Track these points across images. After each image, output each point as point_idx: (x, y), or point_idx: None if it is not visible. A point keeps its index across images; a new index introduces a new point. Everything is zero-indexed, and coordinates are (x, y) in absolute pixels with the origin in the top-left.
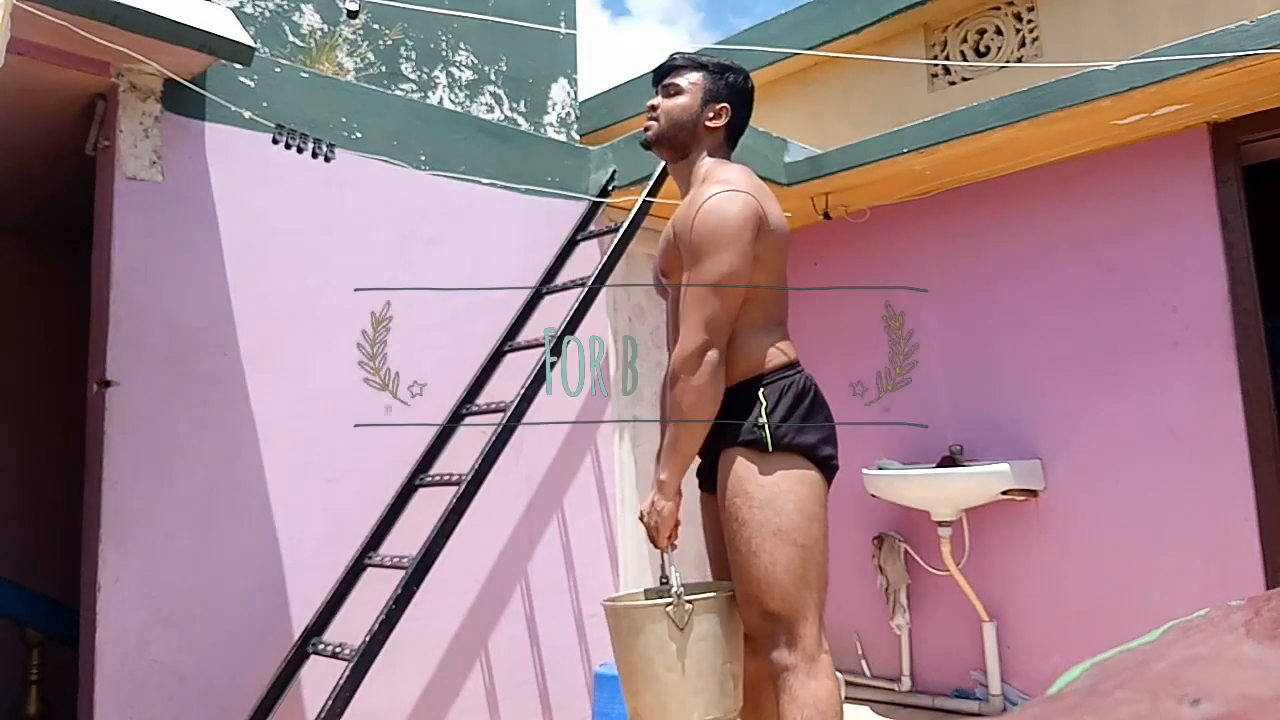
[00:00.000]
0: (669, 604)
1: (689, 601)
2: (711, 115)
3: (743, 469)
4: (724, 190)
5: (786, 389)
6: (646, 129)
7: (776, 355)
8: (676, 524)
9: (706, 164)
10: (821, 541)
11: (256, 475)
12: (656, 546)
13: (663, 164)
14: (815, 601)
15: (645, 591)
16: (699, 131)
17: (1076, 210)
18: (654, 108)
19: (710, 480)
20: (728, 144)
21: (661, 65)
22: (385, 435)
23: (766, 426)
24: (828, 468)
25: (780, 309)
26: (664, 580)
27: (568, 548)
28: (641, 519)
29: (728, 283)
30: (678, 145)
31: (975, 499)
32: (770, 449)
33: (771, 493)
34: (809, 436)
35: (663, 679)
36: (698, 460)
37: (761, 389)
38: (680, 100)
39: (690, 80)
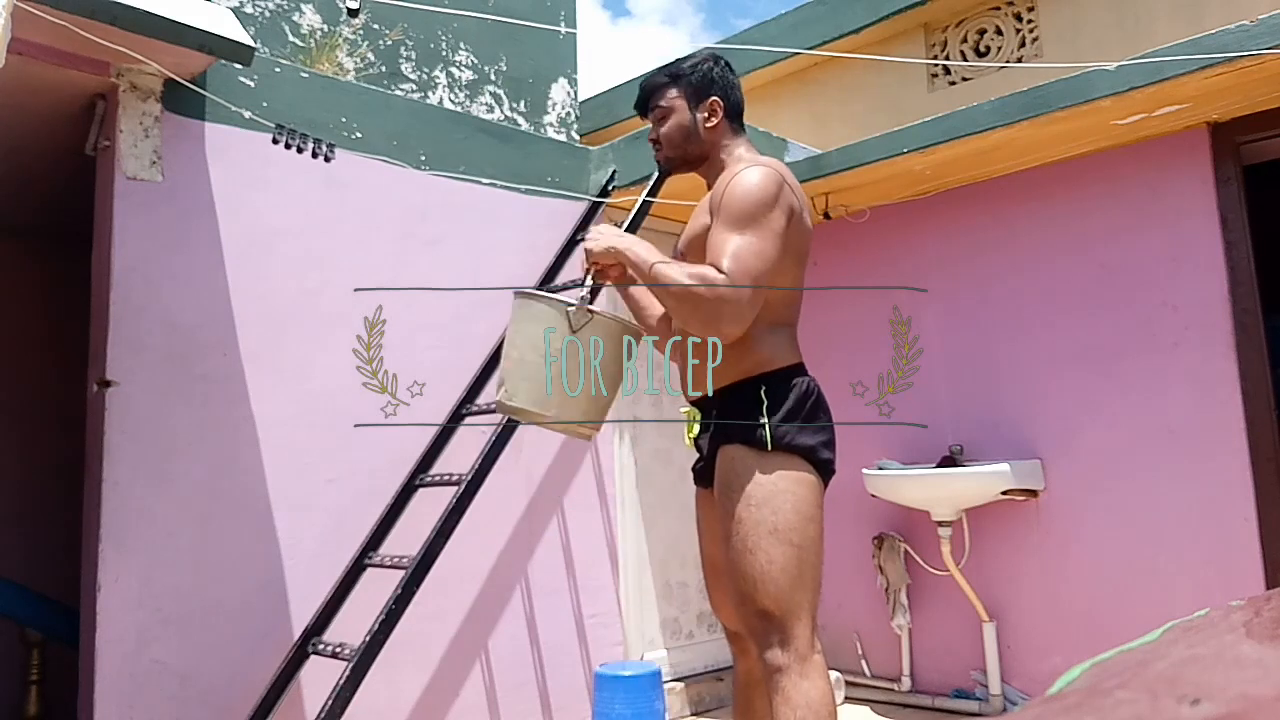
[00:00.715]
0: (573, 306)
1: (592, 311)
2: (706, 115)
3: (742, 466)
4: (766, 168)
5: (790, 389)
6: (657, 156)
7: (783, 355)
8: (606, 266)
9: (735, 152)
10: (817, 543)
11: (256, 475)
12: (586, 263)
13: None
14: (809, 602)
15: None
16: (704, 136)
17: (1076, 210)
18: (654, 140)
19: (707, 477)
20: (735, 127)
21: (639, 98)
22: (385, 435)
23: (768, 425)
24: (826, 471)
25: (792, 311)
26: (582, 294)
27: (568, 548)
28: (584, 242)
29: (766, 256)
30: (694, 158)
31: (975, 499)
32: (770, 448)
33: (770, 491)
34: (809, 438)
35: (538, 367)
36: (697, 457)
37: (765, 387)
38: (672, 120)
39: (670, 97)
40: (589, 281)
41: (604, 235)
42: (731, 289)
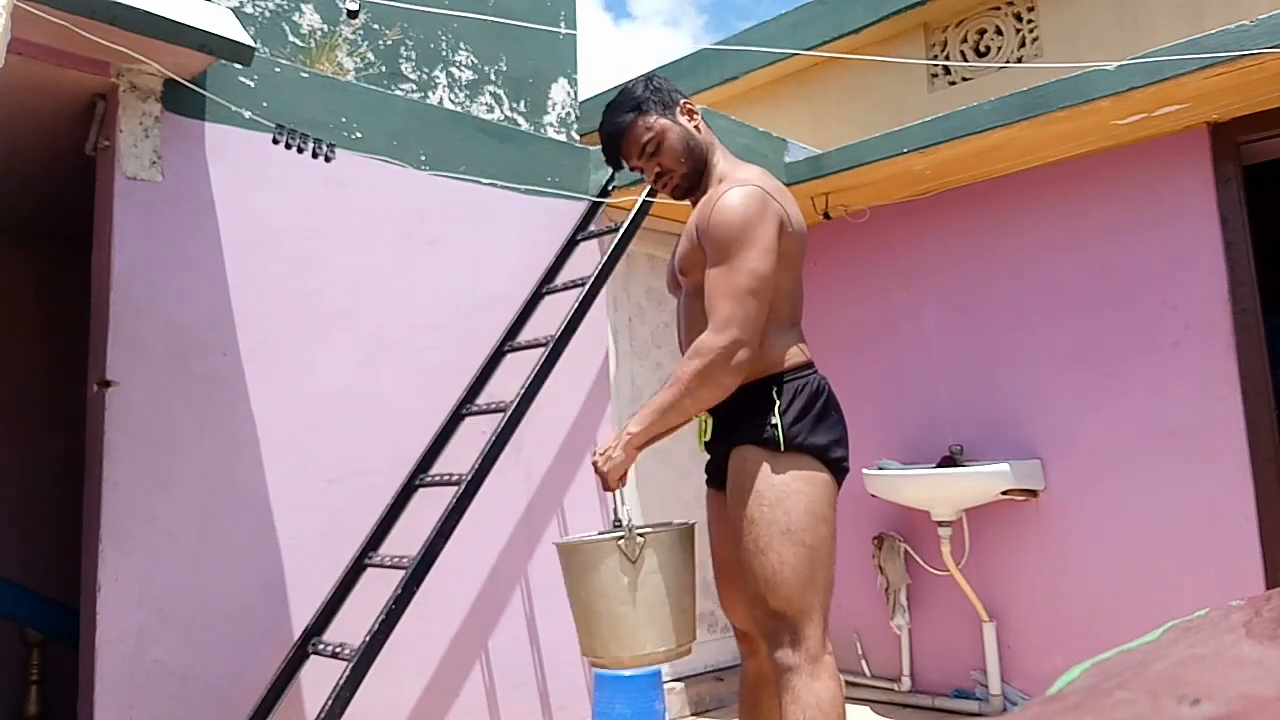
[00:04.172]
0: (620, 538)
1: (640, 534)
2: (688, 119)
3: (754, 467)
4: (748, 187)
5: (801, 389)
6: (673, 189)
7: (792, 355)
8: (625, 473)
9: (720, 166)
10: (829, 543)
11: (256, 475)
12: (606, 489)
13: None
14: (821, 603)
15: (600, 534)
16: (699, 142)
17: (1076, 210)
18: (659, 173)
19: (719, 477)
20: (710, 131)
21: (617, 143)
22: (385, 435)
23: (780, 426)
24: (839, 470)
25: (796, 309)
26: (616, 522)
27: None
28: (593, 463)
29: (759, 282)
30: (703, 165)
31: (975, 499)
32: (782, 448)
33: (782, 492)
34: (821, 437)
35: (615, 612)
36: (708, 457)
37: (776, 388)
38: (668, 140)
39: (650, 124)
40: (621, 504)
41: (611, 449)
42: (722, 340)
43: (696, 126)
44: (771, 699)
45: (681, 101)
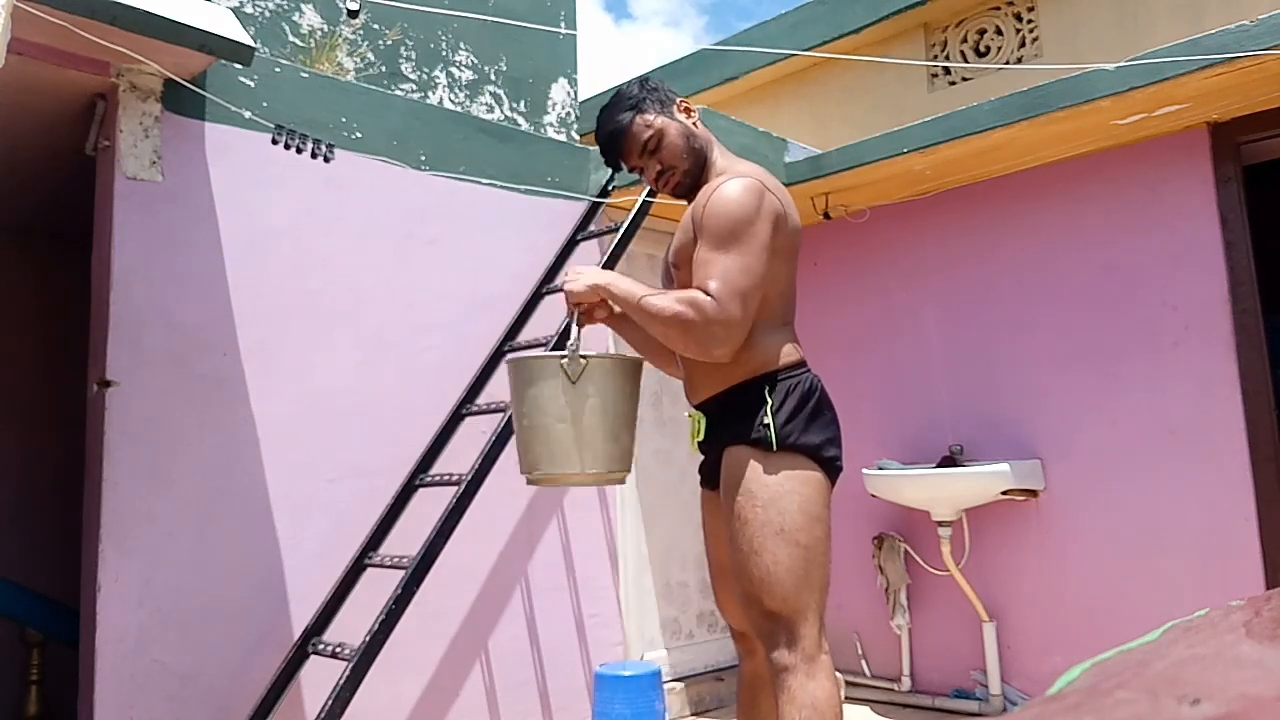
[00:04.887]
0: (564, 357)
1: (584, 357)
2: (685, 116)
3: (747, 467)
4: (746, 179)
5: (793, 388)
6: (674, 187)
7: (784, 354)
8: (591, 306)
9: (719, 163)
10: (824, 542)
11: (256, 475)
12: (567, 305)
13: None
14: (816, 602)
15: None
16: (698, 139)
17: (1076, 210)
18: (660, 171)
19: (712, 477)
20: (707, 129)
21: (617, 142)
22: (385, 435)
23: (772, 425)
24: (832, 469)
25: (789, 309)
26: (569, 342)
27: (568, 548)
28: (561, 285)
29: (754, 278)
30: (703, 162)
31: (975, 499)
32: (775, 448)
33: (775, 492)
34: (814, 437)
35: (552, 429)
36: (701, 458)
37: (768, 387)
38: (668, 138)
39: (648, 122)
40: (575, 325)
41: (584, 274)
42: (720, 311)
43: (694, 124)
44: (769, 699)
45: (678, 100)
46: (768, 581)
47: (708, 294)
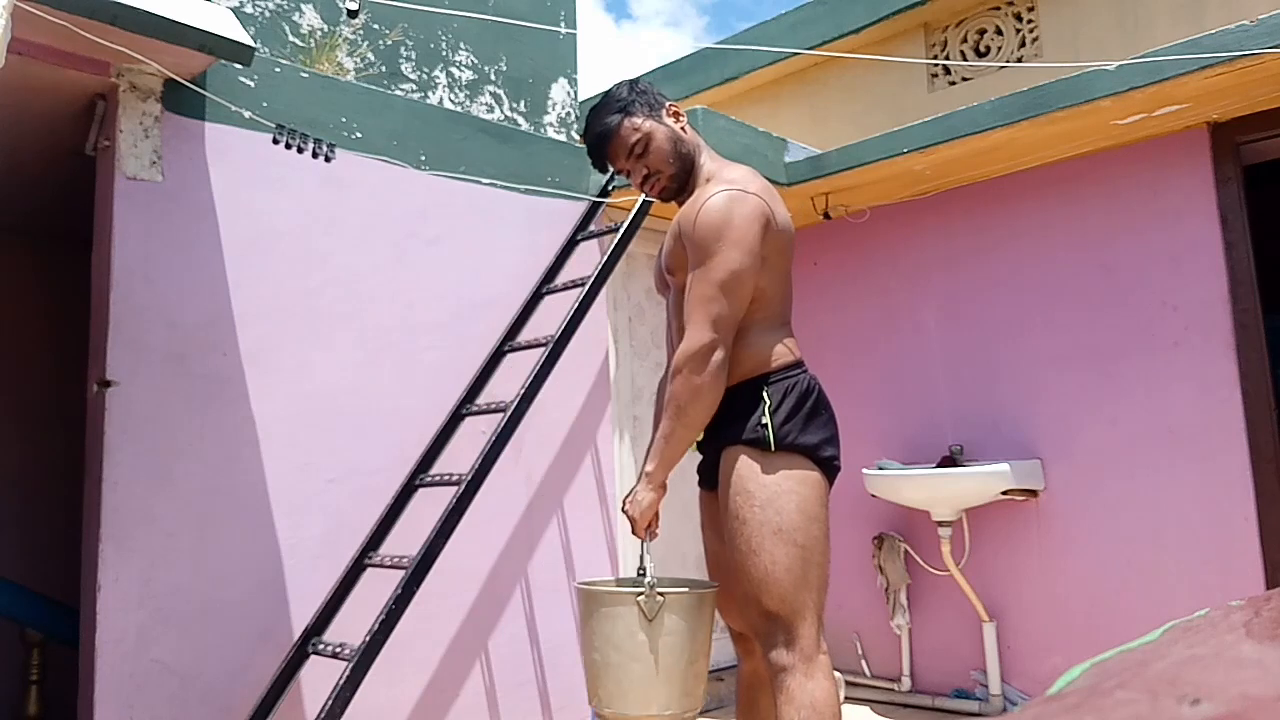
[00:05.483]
0: (641, 593)
1: (661, 594)
2: (674, 120)
3: (745, 468)
4: (731, 189)
5: (790, 388)
6: (660, 191)
7: (781, 354)
8: (656, 516)
9: (707, 167)
10: (822, 542)
11: (256, 475)
12: (635, 535)
13: None
14: (814, 602)
15: (619, 580)
16: (686, 144)
17: (1076, 210)
18: (646, 174)
19: (710, 478)
20: (695, 133)
21: (604, 145)
22: (385, 435)
23: (770, 426)
24: (830, 469)
25: (785, 309)
26: (641, 571)
27: (568, 548)
28: (623, 509)
29: (735, 281)
30: (690, 166)
31: (975, 499)
32: (773, 448)
33: (773, 492)
34: (812, 437)
35: (626, 668)
36: (698, 457)
37: (765, 388)
38: (655, 141)
39: (636, 125)
40: (647, 554)
41: (636, 492)
42: (696, 348)
43: (683, 128)
44: (769, 699)
45: (667, 104)
46: (766, 581)
47: (685, 341)
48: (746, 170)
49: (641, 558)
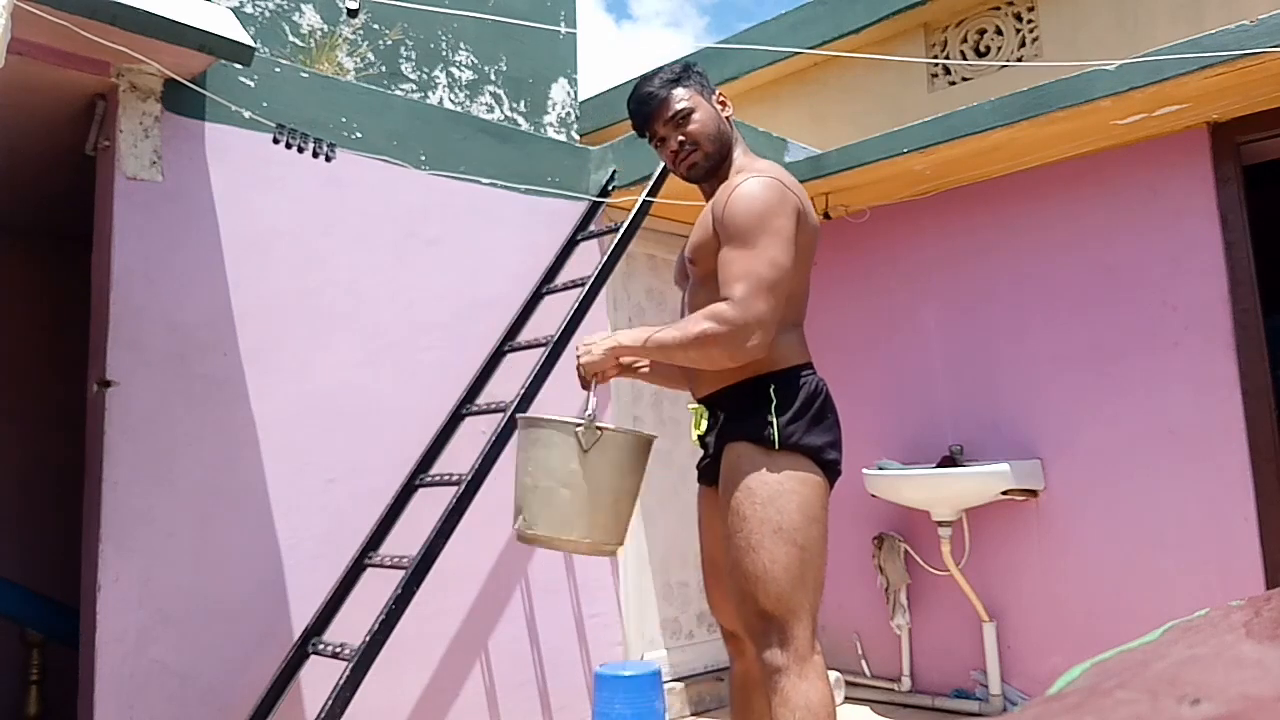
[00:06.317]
0: (580, 425)
1: (600, 428)
2: (721, 107)
3: (748, 465)
4: (766, 178)
5: (799, 389)
6: (690, 166)
7: (792, 354)
8: (603, 373)
9: (740, 160)
10: (820, 544)
11: (256, 475)
12: (581, 384)
13: (663, 164)
14: (810, 603)
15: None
16: (727, 130)
17: (1076, 210)
18: (682, 142)
19: (712, 474)
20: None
21: (647, 108)
22: (385, 435)
23: (775, 424)
24: (832, 472)
25: (801, 309)
26: (586, 413)
27: None
28: (576, 354)
29: (780, 271)
30: (726, 153)
31: (975, 499)
32: (777, 447)
33: (775, 491)
34: (816, 439)
35: (555, 493)
36: (698, 453)
37: (774, 386)
38: (698, 115)
39: (687, 96)
40: (591, 394)
41: (594, 343)
42: (743, 312)
43: (727, 117)
44: (763, 700)
45: (716, 92)
46: (763, 579)
47: (730, 298)
48: (777, 166)
49: (587, 400)
